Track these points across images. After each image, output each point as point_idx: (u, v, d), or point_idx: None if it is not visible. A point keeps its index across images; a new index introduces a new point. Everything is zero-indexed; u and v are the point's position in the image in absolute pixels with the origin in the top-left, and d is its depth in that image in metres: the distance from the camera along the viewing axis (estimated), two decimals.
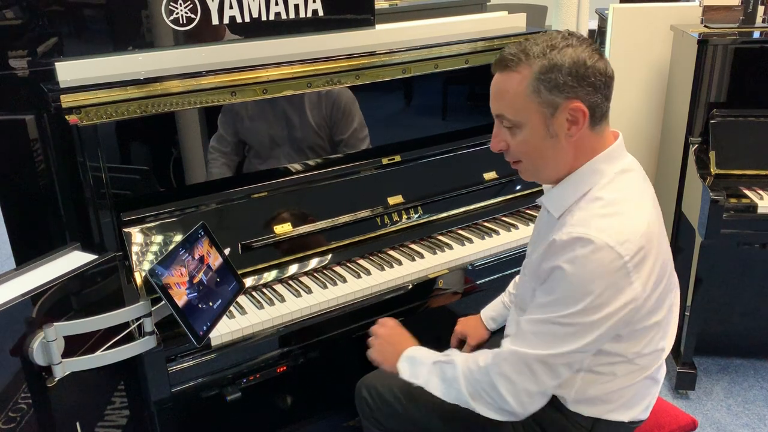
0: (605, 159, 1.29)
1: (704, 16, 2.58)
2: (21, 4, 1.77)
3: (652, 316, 1.29)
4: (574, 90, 1.23)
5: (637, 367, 1.34)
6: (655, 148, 2.99)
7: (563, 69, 1.22)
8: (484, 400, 1.31)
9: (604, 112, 1.28)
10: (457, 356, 1.39)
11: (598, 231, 1.19)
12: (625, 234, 1.19)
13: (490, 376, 1.29)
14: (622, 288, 1.20)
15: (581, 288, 1.19)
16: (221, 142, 1.82)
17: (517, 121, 1.28)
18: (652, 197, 1.32)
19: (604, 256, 1.18)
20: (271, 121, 1.87)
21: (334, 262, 1.87)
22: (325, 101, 1.93)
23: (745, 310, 2.76)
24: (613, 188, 1.27)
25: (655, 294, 1.28)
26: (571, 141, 1.27)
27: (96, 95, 1.58)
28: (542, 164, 1.32)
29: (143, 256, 1.63)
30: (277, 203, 1.84)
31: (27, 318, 1.28)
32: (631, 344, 1.31)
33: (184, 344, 1.52)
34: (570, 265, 1.20)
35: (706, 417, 2.51)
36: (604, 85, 1.25)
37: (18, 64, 1.80)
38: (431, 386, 1.39)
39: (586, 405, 1.38)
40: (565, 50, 1.23)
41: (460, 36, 2.16)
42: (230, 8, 1.94)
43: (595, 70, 1.23)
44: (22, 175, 1.87)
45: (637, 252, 1.20)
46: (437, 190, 2.06)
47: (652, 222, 1.26)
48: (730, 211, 2.26)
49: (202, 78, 1.70)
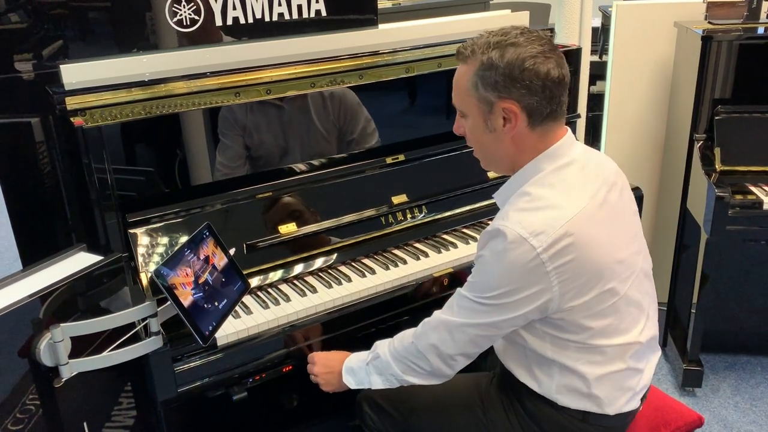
0: (545, 158, 1.33)
1: (708, 13, 2.58)
2: (26, 7, 1.78)
3: (593, 303, 1.30)
4: (507, 90, 1.26)
5: (604, 358, 1.36)
6: (660, 145, 2.99)
7: (498, 69, 1.26)
8: (415, 371, 1.43)
9: (547, 114, 1.29)
10: (380, 348, 1.50)
11: (513, 223, 1.25)
12: (541, 226, 1.23)
13: (417, 346, 1.40)
14: (537, 277, 1.25)
15: (496, 276, 1.28)
16: (229, 156, 1.81)
17: (462, 111, 1.36)
18: (596, 188, 1.31)
19: (516, 248, 1.24)
20: (277, 132, 1.87)
21: (339, 261, 1.87)
22: (331, 104, 1.93)
23: (751, 307, 2.75)
24: (544, 183, 1.31)
25: (593, 283, 1.28)
26: (510, 138, 1.32)
27: (101, 97, 1.59)
28: (488, 155, 1.40)
29: (149, 256, 1.64)
30: (282, 203, 1.85)
31: (34, 319, 1.29)
32: (580, 329, 1.33)
33: (190, 344, 1.53)
34: (488, 254, 1.29)
35: (713, 414, 2.50)
36: (542, 88, 1.26)
37: (23, 67, 1.81)
38: (375, 384, 1.49)
39: (569, 398, 1.40)
40: (507, 49, 1.26)
41: (464, 35, 2.15)
42: (233, 9, 1.95)
43: (532, 72, 1.25)
44: (28, 177, 1.87)
45: (554, 243, 1.22)
46: (442, 189, 2.07)
47: (588, 211, 1.27)
48: (736, 207, 2.26)
49: (206, 79, 1.71)
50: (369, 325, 1.76)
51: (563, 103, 1.32)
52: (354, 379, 1.53)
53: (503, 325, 1.33)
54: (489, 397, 1.55)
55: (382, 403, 1.63)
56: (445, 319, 1.38)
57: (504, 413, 1.51)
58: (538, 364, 1.41)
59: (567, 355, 1.37)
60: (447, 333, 1.36)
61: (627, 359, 1.38)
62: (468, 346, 1.37)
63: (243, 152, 1.83)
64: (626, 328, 1.37)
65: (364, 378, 1.51)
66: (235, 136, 1.80)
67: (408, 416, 1.60)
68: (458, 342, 1.36)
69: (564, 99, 1.32)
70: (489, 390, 1.56)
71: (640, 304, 1.41)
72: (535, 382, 1.43)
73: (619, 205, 1.37)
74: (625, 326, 1.37)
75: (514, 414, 1.49)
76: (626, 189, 1.43)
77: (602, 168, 1.38)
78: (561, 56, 1.31)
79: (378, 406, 1.64)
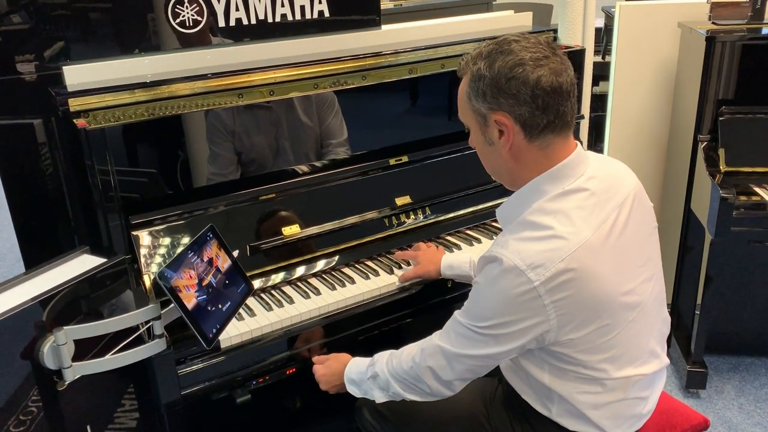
0: (549, 179, 1.25)
1: (712, 13, 2.57)
2: (28, 8, 1.78)
3: (593, 337, 1.25)
4: (496, 101, 1.21)
5: (603, 389, 1.32)
6: (664, 146, 2.98)
7: (485, 79, 1.21)
8: (416, 391, 1.41)
9: (544, 126, 1.21)
10: (378, 366, 1.47)
11: (512, 253, 1.19)
12: (540, 259, 1.17)
13: (417, 371, 1.38)
14: (534, 310, 1.20)
15: (491, 305, 1.24)
16: (220, 164, 1.78)
17: (465, 123, 1.32)
18: (603, 216, 1.24)
19: (512, 279, 1.18)
20: (268, 132, 1.84)
21: (343, 263, 1.87)
22: (315, 101, 1.90)
23: (756, 308, 2.74)
24: (547, 210, 1.23)
25: (593, 317, 1.23)
26: (507, 151, 1.26)
27: (104, 98, 1.58)
28: (490, 168, 1.35)
29: (152, 258, 1.63)
30: (285, 205, 1.84)
31: (37, 322, 1.28)
32: (579, 361, 1.28)
33: (194, 347, 1.52)
34: (483, 281, 1.25)
35: (718, 416, 2.49)
36: (531, 97, 1.18)
37: (25, 68, 1.81)
38: (378, 398, 1.49)
39: (571, 422, 1.38)
40: (496, 58, 1.21)
41: (466, 36, 2.16)
42: (236, 10, 1.94)
43: (519, 81, 1.18)
44: (30, 179, 1.87)
45: (553, 277, 1.16)
46: (445, 190, 2.06)
47: (592, 243, 1.20)
48: (740, 208, 2.25)
49: (209, 80, 1.70)
50: (372, 328, 1.76)
51: (563, 113, 1.22)
52: (359, 390, 1.53)
53: (500, 357, 1.29)
54: (494, 404, 1.53)
55: (382, 409, 1.62)
56: (442, 346, 1.33)
57: (509, 422, 1.49)
58: (539, 389, 1.38)
59: (565, 384, 1.33)
60: (444, 360, 1.33)
61: (627, 390, 1.34)
62: (466, 374, 1.34)
63: (234, 158, 1.81)
64: (629, 362, 1.32)
65: (368, 390, 1.50)
66: (224, 142, 1.78)
67: (409, 423, 1.58)
68: (456, 370, 1.33)
69: (564, 109, 1.22)
70: (494, 397, 1.54)
71: (648, 335, 1.35)
72: (537, 403, 1.41)
73: (631, 228, 1.29)
74: (628, 360, 1.31)
75: (519, 424, 1.47)
76: (642, 205, 1.34)
77: (618, 187, 1.30)
78: (561, 62, 1.22)
79: (378, 412, 1.63)
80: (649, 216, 1.37)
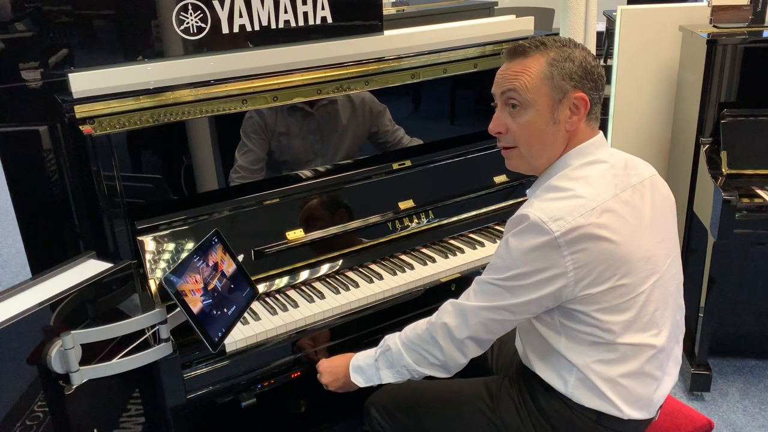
0: (576, 154, 1.39)
1: (713, 16, 2.58)
2: (32, 16, 1.79)
3: (609, 296, 1.31)
4: (582, 81, 1.35)
5: (617, 356, 1.36)
6: (666, 149, 2.98)
7: (576, 60, 1.35)
8: (427, 360, 1.44)
9: (596, 113, 1.41)
10: (390, 340, 1.51)
11: (536, 209, 1.30)
12: (561, 213, 1.27)
13: (431, 332, 1.43)
14: (553, 261, 1.28)
15: (514, 257, 1.32)
16: (250, 159, 1.82)
17: (526, 100, 1.36)
18: (621, 188, 1.35)
19: (535, 231, 1.28)
20: (306, 137, 1.88)
21: (347, 267, 1.87)
22: (360, 106, 1.97)
23: (759, 311, 2.74)
24: (570, 177, 1.36)
25: (609, 273, 1.30)
26: (568, 131, 1.38)
27: (109, 105, 1.60)
28: (538, 150, 1.40)
29: (158, 263, 1.64)
30: (289, 209, 1.85)
31: (44, 326, 1.29)
32: (594, 320, 1.33)
33: (200, 351, 1.53)
34: (511, 238, 1.33)
35: (722, 418, 2.49)
36: (601, 86, 1.38)
37: (30, 75, 1.82)
38: (386, 379, 1.50)
39: (584, 396, 1.40)
40: (574, 48, 1.38)
41: (469, 40, 2.16)
42: (240, 17, 1.96)
43: (598, 70, 1.38)
44: (36, 185, 1.88)
45: (572, 230, 1.26)
46: (448, 194, 2.07)
47: (610, 204, 1.31)
48: (743, 211, 2.25)
49: (213, 87, 1.71)
50: (377, 331, 1.76)
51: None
52: (363, 377, 1.53)
53: (517, 310, 1.34)
54: (499, 396, 1.54)
55: (390, 407, 1.63)
56: (460, 303, 1.40)
57: (516, 411, 1.50)
58: (555, 360, 1.42)
59: (580, 351, 1.37)
60: (461, 316, 1.39)
61: (642, 361, 1.37)
62: (480, 330, 1.38)
63: (264, 157, 1.85)
64: (642, 328, 1.36)
65: (374, 374, 1.51)
66: (260, 140, 1.82)
67: (417, 419, 1.59)
68: (471, 325, 1.37)
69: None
70: (500, 389, 1.55)
71: (663, 308, 1.40)
72: (553, 375, 1.43)
73: (649, 206, 1.39)
74: (642, 326, 1.36)
75: (527, 412, 1.49)
76: (660, 192, 1.45)
77: (637, 169, 1.42)
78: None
79: (386, 410, 1.64)
80: (668, 203, 1.48)
